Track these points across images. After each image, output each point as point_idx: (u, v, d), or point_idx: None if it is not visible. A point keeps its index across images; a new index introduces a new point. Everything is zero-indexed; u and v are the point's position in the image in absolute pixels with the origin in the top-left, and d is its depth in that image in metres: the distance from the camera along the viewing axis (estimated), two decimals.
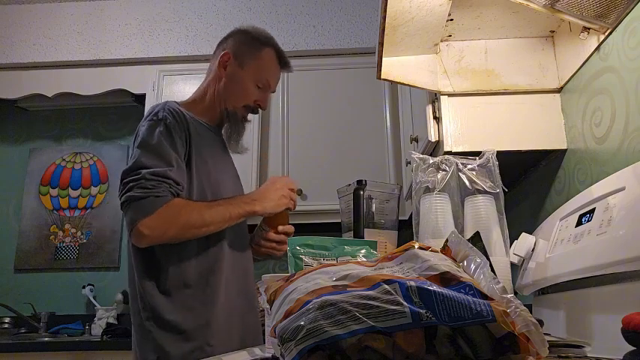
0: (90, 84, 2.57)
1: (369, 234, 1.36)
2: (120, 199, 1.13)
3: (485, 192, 0.99)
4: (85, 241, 2.72)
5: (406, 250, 0.62)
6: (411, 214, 1.09)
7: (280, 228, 1.32)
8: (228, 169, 1.37)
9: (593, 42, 1.09)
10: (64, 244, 2.71)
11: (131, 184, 1.11)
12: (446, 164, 1.03)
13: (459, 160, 1.03)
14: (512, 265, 1.01)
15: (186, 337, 1.13)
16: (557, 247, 0.95)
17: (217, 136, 1.36)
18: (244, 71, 1.33)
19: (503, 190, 1.00)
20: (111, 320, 2.40)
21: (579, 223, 0.89)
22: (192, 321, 1.15)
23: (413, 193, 1.05)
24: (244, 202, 1.22)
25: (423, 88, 1.34)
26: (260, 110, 1.40)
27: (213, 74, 1.36)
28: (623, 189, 0.79)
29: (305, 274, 0.61)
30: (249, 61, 1.34)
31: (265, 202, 1.23)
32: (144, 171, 1.11)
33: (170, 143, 1.17)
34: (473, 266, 0.59)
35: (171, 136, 1.18)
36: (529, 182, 1.47)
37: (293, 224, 2.32)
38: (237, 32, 1.40)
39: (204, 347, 1.13)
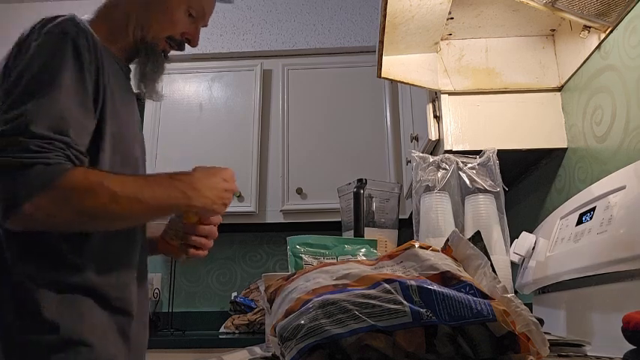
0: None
1: (369, 233, 1.36)
2: None
3: (486, 191, 0.99)
4: None
5: (406, 249, 0.62)
6: (412, 212, 1.09)
7: (214, 218, 0.99)
8: (136, 121, 1.04)
9: (593, 40, 1.09)
10: None
11: (8, 139, 0.75)
12: (446, 163, 1.03)
13: (460, 159, 1.03)
14: (513, 263, 1.01)
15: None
16: (557, 245, 0.95)
17: (124, 74, 1.02)
18: None
19: (504, 188, 1.00)
20: None
21: (580, 221, 0.89)
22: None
23: (413, 191, 1.05)
24: (185, 192, 0.87)
25: (423, 87, 1.34)
26: (187, 46, 1.06)
27: None
28: (623, 188, 0.78)
29: (305, 273, 0.61)
30: None
31: (203, 199, 0.89)
32: (31, 126, 0.75)
33: (79, 76, 0.83)
34: (474, 266, 0.59)
35: (82, 65, 0.83)
36: (529, 181, 1.47)
37: (292, 224, 2.33)
38: None
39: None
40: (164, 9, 0.99)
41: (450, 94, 1.30)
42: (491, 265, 0.59)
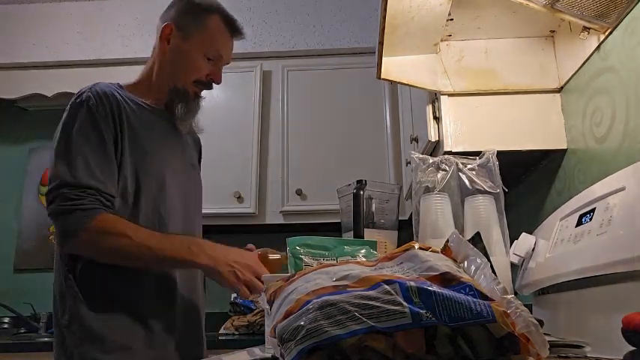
0: (90, 84, 2.56)
1: (368, 234, 1.36)
2: (47, 208, 1.05)
3: (486, 192, 0.99)
4: None
5: (406, 250, 0.62)
6: (411, 214, 1.09)
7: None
8: (177, 156, 1.23)
9: (593, 42, 1.09)
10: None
11: (53, 193, 1.03)
12: (446, 164, 1.03)
13: (459, 160, 1.03)
14: (513, 265, 1.01)
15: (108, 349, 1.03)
16: (557, 247, 0.95)
17: (162, 119, 1.22)
18: (190, 43, 1.21)
19: (504, 190, 1.00)
20: None
21: (579, 223, 0.89)
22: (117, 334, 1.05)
23: (413, 193, 1.05)
24: (189, 248, 1.05)
25: (423, 88, 1.34)
26: (214, 85, 1.27)
27: (157, 50, 1.24)
28: (623, 189, 0.78)
29: (305, 274, 0.61)
30: (194, 31, 1.22)
31: (207, 259, 1.05)
32: (69, 179, 1.02)
33: (95, 131, 1.07)
34: (473, 267, 0.59)
35: (95, 121, 1.08)
36: (529, 182, 1.47)
37: (292, 224, 2.33)
38: (178, 1, 1.27)
39: None
40: (186, 59, 1.21)
41: (450, 95, 1.31)
42: (491, 266, 0.59)
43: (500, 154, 1.03)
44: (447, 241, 0.65)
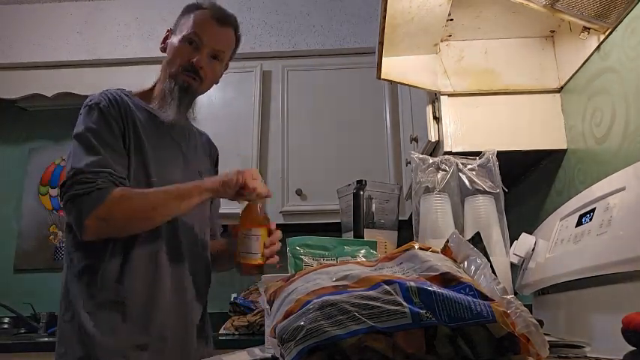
0: (90, 84, 2.56)
1: (368, 234, 1.36)
2: (61, 200, 1.10)
3: (485, 192, 0.99)
4: None
5: (406, 250, 0.62)
6: (411, 214, 1.09)
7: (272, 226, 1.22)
8: (179, 161, 1.27)
9: (593, 42, 1.09)
10: (63, 244, 2.71)
11: (69, 181, 1.08)
12: (446, 164, 1.03)
13: (459, 160, 1.03)
14: (512, 265, 1.01)
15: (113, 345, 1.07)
16: (557, 247, 0.95)
17: (167, 125, 1.26)
18: (177, 36, 1.28)
19: (504, 190, 1.00)
20: None
21: (579, 223, 0.89)
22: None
23: (413, 193, 1.05)
24: (192, 182, 1.16)
25: (423, 88, 1.34)
26: (200, 73, 1.26)
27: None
28: (623, 189, 0.78)
29: (305, 274, 0.61)
30: (181, 26, 1.29)
31: (211, 181, 1.15)
32: (81, 166, 1.08)
33: (106, 128, 1.14)
34: (473, 267, 0.59)
35: (106, 120, 1.15)
36: (529, 182, 1.47)
37: (292, 225, 2.33)
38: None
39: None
40: (171, 49, 1.28)
41: (450, 95, 1.31)
42: (491, 266, 0.59)
43: (500, 154, 1.03)
44: (447, 241, 0.65)
